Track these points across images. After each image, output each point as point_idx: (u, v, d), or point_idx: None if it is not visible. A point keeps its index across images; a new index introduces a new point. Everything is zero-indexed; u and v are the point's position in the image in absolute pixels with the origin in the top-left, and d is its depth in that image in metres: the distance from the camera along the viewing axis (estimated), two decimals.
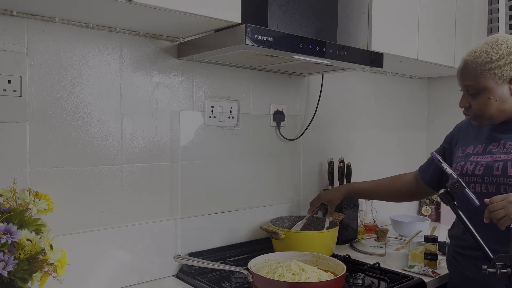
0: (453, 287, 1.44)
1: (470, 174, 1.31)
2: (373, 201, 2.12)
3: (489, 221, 1.11)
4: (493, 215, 1.09)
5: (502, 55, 1.24)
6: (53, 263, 1.07)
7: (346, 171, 1.99)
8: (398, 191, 1.66)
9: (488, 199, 1.12)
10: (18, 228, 1.05)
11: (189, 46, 1.48)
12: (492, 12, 2.35)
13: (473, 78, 1.27)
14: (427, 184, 1.57)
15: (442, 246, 1.76)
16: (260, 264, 1.39)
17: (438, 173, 1.52)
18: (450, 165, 1.40)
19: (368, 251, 1.83)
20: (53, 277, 1.08)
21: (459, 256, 1.39)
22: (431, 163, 1.55)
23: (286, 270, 1.27)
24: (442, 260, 1.67)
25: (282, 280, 1.23)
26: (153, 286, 1.45)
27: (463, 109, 1.35)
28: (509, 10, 2.31)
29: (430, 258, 1.63)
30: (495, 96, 1.26)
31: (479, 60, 1.26)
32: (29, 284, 1.06)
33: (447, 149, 1.52)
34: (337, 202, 1.72)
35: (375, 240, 1.99)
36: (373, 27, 1.70)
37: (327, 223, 1.71)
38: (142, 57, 1.45)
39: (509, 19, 2.32)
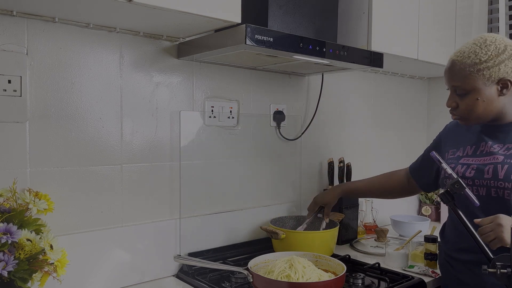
0: None
1: (460, 177, 1.28)
2: (373, 201, 2.12)
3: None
4: (483, 238, 1.09)
5: (491, 57, 1.23)
6: (53, 263, 1.07)
7: (346, 171, 1.99)
8: (391, 189, 1.68)
9: (479, 220, 1.13)
10: (18, 228, 1.05)
11: (189, 46, 1.48)
12: (492, 12, 2.35)
13: (461, 79, 1.27)
14: (422, 189, 1.59)
15: None
16: (260, 264, 1.39)
17: (433, 177, 1.51)
18: (440, 170, 1.41)
19: (368, 251, 1.83)
20: (53, 277, 1.08)
21: (452, 260, 1.39)
22: (425, 165, 1.54)
23: (289, 267, 1.27)
24: None
25: (283, 280, 1.23)
26: (153, 286, 1.45)
27: (449, 108, 1.35)
28: (509, 10, 2.31)
29: (430, 258, 1.63)
30: (483, 97, 1.25)
31: (467, 61, 1.25)
32: (29, 284, 1.06)
33: (436, 150, 1.50)
34: (333, 204, 1.72)
35: (375, 240, 1.99)
36: (373, 27, 1.70)
37: (323, 225, 1.71)
38: (142, 57, 1.45)
39: (509, 19, 2.32)
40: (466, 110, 1.29)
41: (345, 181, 2.01)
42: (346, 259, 1.62)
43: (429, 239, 1.63)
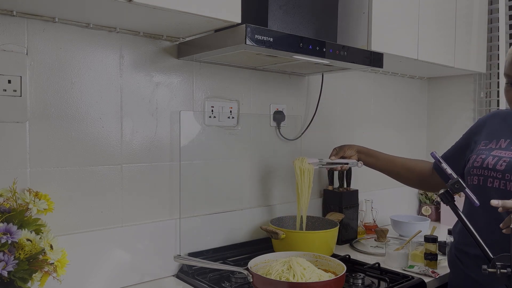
0: (454, 287, 1.43)
1: (490, 169, 1.27)
2: (373, 201, 2.12)
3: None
4: (506, 230, 1.02)
5: None
6: (53, 263, 1.07)
7: (346, 171, 1.99)
8: (410, 177, 1.63)
9: (498, 202, 1.04)
10: (18, 228, 1.05)
11: (189, 46, 1.48)
12: (492, 12, 2.35)
13: None
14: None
15: (442, 246, 1.76)
16: (260, 264, 1.39)
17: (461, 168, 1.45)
18: (468, 158, 1.37)
19: (368, 251, 1.83)
20: (53, 277, 1.08)
21: (462, 254, 1.37)
22: (457, 155, 1.48)
23: (287, 269, 1.27)
24: (442, 260, 1.67)
25: (283, 279, 1.23)
26: (153, 286, 1.45)
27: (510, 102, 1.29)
28: (509, 10, 2.31)
29: (430, 258, 1.63)
30: None
31: None
32: (29, 284, 1.06)
33: (466, 143, 1.47)
34: (354, 150, 1.71)
35: (375, 240, 1.99)
36: (373, 27, 1.70)
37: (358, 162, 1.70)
38: (142, 57, 1.45)
39: (509, 19, 2.32)
40: None
41: (345, 182, 2.01)
42: (346, 259, 1.62)
43: (429, 239, 1.63)
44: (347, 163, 1.69)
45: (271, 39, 1.27)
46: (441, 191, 1.13)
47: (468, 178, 1.34)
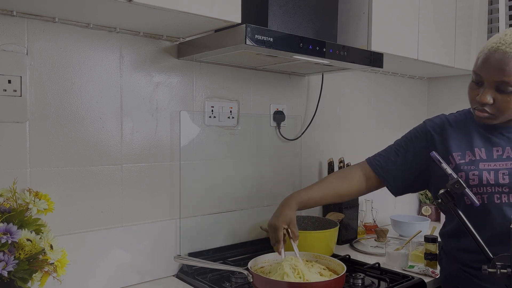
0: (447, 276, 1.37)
1: (493, 184, 1.19)
2: (373, 201, 2.12)
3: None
4: None
5: None
6: (53, 263, 1.07)
7: None
8: (347, 193, 1.43)
9: None
10: (18, 228, 1.05)
11: (189, 46, 1.48)
12: (492, 12, 2.35)
13: None
14: (396, 193, 1.41)
15: None
16: (260, 264, 1.39)
17: (410, 180, 1.38)
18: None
19: (368, 251, 1.83)
20: (53, 277, 1.08)
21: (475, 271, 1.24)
22: (394, 161, 1.38)
23: (291, 268, 1.27)
24: None
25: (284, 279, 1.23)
26: (153, 286, 1.45)
27: (477, 105, 1.20)
28: (509, 10, 2.31)
29: (430, 258, 1.63)
30: None
31: None
32: (29, 284, 1.06)
33: (414, 148, 1.38)
34: (295, 219, 1.34)
35: (375, 240, 1.99)
36: (373, 27, 1.70)
37: (296, 249, 1.33)
38: (142, 57, 1.45)
39: (509, 19, 2.32)
40: (502, 108, 1.16)
41: None
42: (346, 259, 1.62)
43: (429, 239, 1.63)
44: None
45: (271, 39, 1.27)
46: (441, 191, 1.13)
47: (466, 199, 1.22)
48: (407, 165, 1.38)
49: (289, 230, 1.31)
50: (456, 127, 1.32)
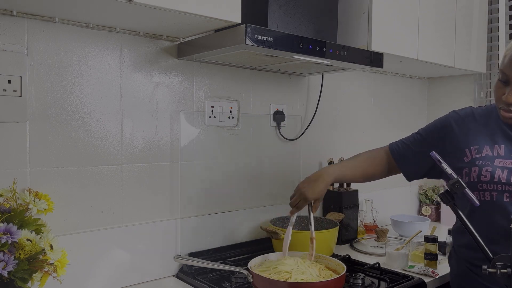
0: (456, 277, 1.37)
1: (504, 183, 1.17)
2: (373, 201, 2.12)
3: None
4: None
5: None
6: (53, 263, 1.07)
7: None
8: (372, 175, 1.49)
9: None
10: (18, 228, 1.05)
11: (189, 46, 1.48)
12: (492, 12, 2.35)
13: None
14: (410, 179, 1.46)
15: (442, 246, 1.76)
16: (260, 264, 1.39)
17: (424, 168, 1.40)
18: (461, 167, 1.26)
19: (368, 251, 1.83)
20: (53, 277, 1.08)
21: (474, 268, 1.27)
22: (412, 149, 1.42)
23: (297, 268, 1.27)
24: (442, 260, 1.67)
25: (281, 279, 1.23)
26: (153, 286, 1.45)
27: (502, 104, 1.18)
28: (509, 10, 2.31)
29: (430, 258, 1.63)
30: None
31: None
32: (29, 284, 1.06)
33: (431, 139, 1.38)
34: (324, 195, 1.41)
35: (375, 240, 1.99)
36: (373, 27, 1.70)
37: (312, 219, 1.40)
38: (142, 57, 1.45)
39: (509, 19, 2.32)
40: None
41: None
42: (346, 259, 1.62)
43: (429, 239, 1.63)
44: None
45: (271, 39, 1.27)
46: (441, 191, 1.13)
47: (475, 194, 1.21)
48: (422, 155, 1.37)
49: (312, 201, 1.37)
50: (480, 120, 1.31)
